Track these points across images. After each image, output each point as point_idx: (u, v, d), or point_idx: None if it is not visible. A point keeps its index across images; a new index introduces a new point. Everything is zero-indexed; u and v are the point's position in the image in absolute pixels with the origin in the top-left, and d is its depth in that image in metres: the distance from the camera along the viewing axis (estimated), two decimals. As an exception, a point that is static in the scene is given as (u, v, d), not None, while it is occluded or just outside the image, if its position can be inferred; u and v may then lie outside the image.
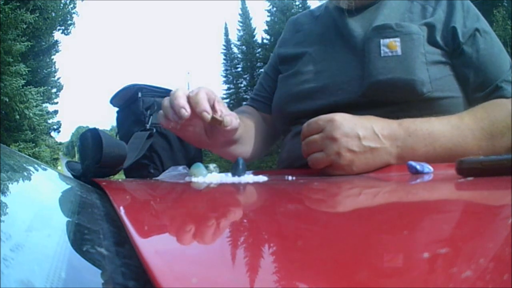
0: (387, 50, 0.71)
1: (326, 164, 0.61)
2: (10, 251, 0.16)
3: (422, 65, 0.69)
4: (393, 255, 0.16)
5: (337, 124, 0.59)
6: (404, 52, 0.70)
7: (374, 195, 0.38)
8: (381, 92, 0.70)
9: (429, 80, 0.69)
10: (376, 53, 0.71)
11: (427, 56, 0.70)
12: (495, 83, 0.71)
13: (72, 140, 49.71)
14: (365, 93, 0.71)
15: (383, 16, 0.77)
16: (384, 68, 0.70)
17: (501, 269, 0.14)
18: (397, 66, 0.69)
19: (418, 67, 0.69)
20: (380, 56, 0.71)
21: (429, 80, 0.69)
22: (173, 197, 0.42)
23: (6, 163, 0.42)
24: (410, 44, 0.70)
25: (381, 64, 0.70)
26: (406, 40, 0.70)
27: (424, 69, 0.69)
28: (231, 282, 0.13)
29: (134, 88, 0.92)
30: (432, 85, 0.69)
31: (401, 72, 0.69)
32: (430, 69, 0.70)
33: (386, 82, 0.69)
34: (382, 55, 0.71)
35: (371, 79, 0.70)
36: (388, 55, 0.70)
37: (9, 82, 8.59)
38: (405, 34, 0.71)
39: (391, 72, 0.69)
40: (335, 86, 0.75)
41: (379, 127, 0.61)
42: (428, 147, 0.62)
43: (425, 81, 0.69)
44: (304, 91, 0.78)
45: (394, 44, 0.70)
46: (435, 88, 0.70)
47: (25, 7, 9.49)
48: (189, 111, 0.58)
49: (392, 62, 0.70)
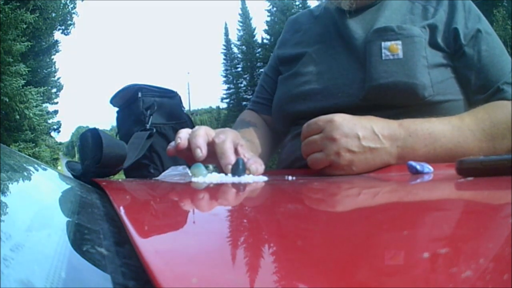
0: (388, 53, 0.70)
1: (325, 165, 0.60)
2: (10, 251, 0.16)
3: (424, 68, 0.69)
4: (393, 255, 0.16)
5: (336, 125, 0.59)
6: (405, 55, 0.69)
7: (374, 195, 0.38)
8: (382, 96, 0.70)
9: (430, 84, 0.69)
10: (378, 56, 0.71)
11: (428, 59, 0.70)
12: (496, 85, 0.71)
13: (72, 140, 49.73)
14: (366, 96, 0.71)
15: (384, 18, 0.76)
16: (386, 71, 0.69)
17: (501, 269, 0.14)
18: (398, 69, 0.69)
19: (420, 71, 0.69)
20: (382, 59, 0.70)
21: (430, 83, 0.69)
22: (173, 197, 0.42)
23: (6, 163, 0.42)
24: (411, 47, 0.70)
25: (383, 67, 0.70)
26: (407, 43, 0.70)
27: (425, 72, 0.69)
28: (231, 282, 0.13)
29: (134, 88, 0.92)
30: (433, 89, 0.69)
31: (402, 75, 0.68)
32: (431, 73, 0.69)
33: (387, 86, 0.69)
34: (383, 58, 0.70)
35: (372, 82, 0.70)
36: (390, 58, 0.70)
37: (9, 82, 8.59)
38: (406, 37, 0.70)
39: (392, 76, 0.69)
40: (336, 88, 0.74)
41: (379, 127, 0.61)
42: (429, 147, 0.61)
43: (427, 85, 0.68)
44: (304, 92, 0.78)
45: (395, 47, 0.70)
46: (437, 91, 0.69)
47: (25, 7, 9.49)
48: (204, 154, 0.56)
49: (394, 65, 0.69)
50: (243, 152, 0.60)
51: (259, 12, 30.31)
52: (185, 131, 0.61)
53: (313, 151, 0.61)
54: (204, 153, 0.57)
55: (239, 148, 0.60)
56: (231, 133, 0.61)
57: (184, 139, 0.59)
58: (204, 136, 0.59)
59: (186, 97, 37.21)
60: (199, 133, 0.58)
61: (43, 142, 12.47)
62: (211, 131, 0.61)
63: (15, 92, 8.72)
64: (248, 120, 0.91)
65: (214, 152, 0.58)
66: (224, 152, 0.57)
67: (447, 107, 0.71)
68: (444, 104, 0.71)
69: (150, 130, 0.87)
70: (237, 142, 0.60)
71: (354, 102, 0.72)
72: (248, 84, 28.70)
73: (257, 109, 0.95)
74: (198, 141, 0.57)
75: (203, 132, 0.59)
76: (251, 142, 0.81)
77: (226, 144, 0.58)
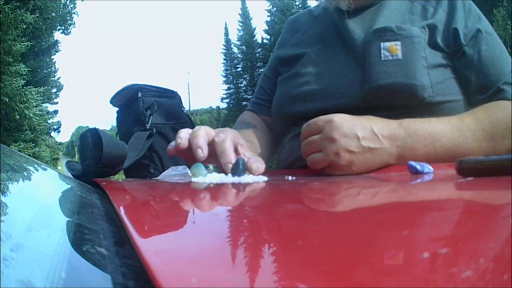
0: (387, 53, 0.70)
1: (325, 165, 0.60)
2: (10, 251, 0.16)
3: (423, 69, 0.69)
4: (393, 255, 0.16)
5: (336, 125, 0.59)
6: (405, 56, 0.69)
7: (374, 195, 0.38)
8: (382, 97, 0.70)
9: (430, 85, 0.69)
10: (377, 57, 0.70)
11: (428, 60, 0.70)
12: (496, 85, 0.71)
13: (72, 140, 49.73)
14: (365, 97, 0.71)
15: (383, 18, 0.76)
16: (385, 72, 0.69)
17: (501, 269, 0.14)
18: (397, 70, 0.69)
19: (419, 72, 0.68)
20: (381, 60, 0.70)
21: (430, 84, 0.69)
22: (173, 197, 0.42)
23: (6, 163, 0.42)
24: (411, 48, 0.70)
25: (382, 68, 0.69)
26: (407, 44, 0.70)
27: (425, 73, 0.69)
28: (231, 282, 0.13)
29: (134, 88, 0.92)
30: (433, 90, 0.69)
31: (402, 76, 0.68)
32: (431, 73, 0.69)
33: (386, 86, 0.69)
34: (382, 59, 0.70)
35: (371, 83, 0.70)
36: (389, 59, 0.70)
37: (9, 82, 8.59)
38: (406, 38, 0.70)
39: (392, 77, 0.69)
40: (335, 89, 0.74)
41: (379, 127, 0.61)
42: (428, 147, 0.61)
43: (426, 86, 0.68)
44: (303, 92, 0.78)
45: (394, 48, 0.70)
46: (436, 92, 0.69)
47: (25, 7, 9.49)
48: (205, 154, 0.56)
49: (393, 66, 0.69)
50: (243, 151, 0.60)
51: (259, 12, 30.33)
52: (186, 131, 0.61)
53: (312, 151, 0.61)
54: (205, 153, 0.56)
55: (239, 147, 0.60)
56: (231, 132, 0.61)
57: (185, 139, 0.59)
58: (205, 136, 0.58)
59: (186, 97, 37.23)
60: (200, 133, 0.58)
61: (43, 142, 12.47)
62: (211, 130, 0.61)
63: (15, 92, 8.72)
64: (248, 121, 0.91)
65: (214, 151, 0.58)
66: (224, 150, 0.57)
67: (447, 107, 0.71)
68: (444, 105, 0.70)
69: (150, 130, 0.87)
70: (237, 141, 0.60)
71: (354, 103, 0.72)
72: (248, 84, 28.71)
73: (256, 110, 0.95)
74: (199, 141, 0.57)
75: (203, 132, 0.59)
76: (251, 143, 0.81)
77: (226, 143, 0.58)
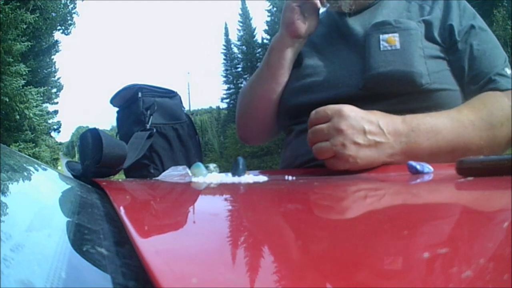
0: (386, 44, 0.73)
1: (330, 155, 0.61)
2: (10, 251, 0.16)
3: (420, 58, 0.71)
4: (393, 255, 0.16)
5: (344, 116, 0.60)
6: (403, 46, 0.72)
7: (374, 195, 0.38)
8: (381, 85, 0.72)
9: (427, 73, 0.71)
10: (376, 47, 0.73)
11: (425, 51, 0.73)
12: (488, 76, 0.73)
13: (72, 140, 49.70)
14: (365, 85, 0.73)
15: (382, 15, 0.79)
16: (384, 61, 0.72)
17: (501, 269, 0.14)
18: (396, 59, 0.71)
19: (417, 60, 0.71)
20: (380, 50, 0.73)
21: (427, 72, 0.71)
22: (173, 197, 0.42)
23: (6, 163, 0.42)
24: (408, 39, 0.72)
25: (381, 57, 0.72)
26: (404, 35, 0.73)
27: (422, 62, 0.71)
28: (231, 282, 0.13)
29: (134, 88, 0.92)
30: (430, 77, 0.71)
31: (400, 64, 0.71)
32: (428, 63, 0.72)
33: (385, 74, 0.71)
34: (381, 49, 0.73)
35: (371, 71, 0.72)
36: (388, 49, 0.72)
37: (9, 82, 8.59)
38: (403, 30, 0.73)
39: (390, 65, 0.71)
40: (336, 80, 0.77)
41: (384, 122, 0.62)
42: (431, 140, 0.63)
43: (424, 73, 0.71)
44: (306, 84, 0.80)
45: (393, 39, 0.73)
46: (433, 80, 0.71)
47: (25, 7, 9.50)
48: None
49: (392, 55, 0.72)
50: None
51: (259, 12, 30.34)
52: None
53: (319, 139, 0.62)
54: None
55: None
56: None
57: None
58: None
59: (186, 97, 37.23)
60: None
61: (43, 142, 12.47)
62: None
63: (15, 92, 8.72)
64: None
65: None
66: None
67: (444, 95, 0.73)
68: (441, 92, 0.73)
69: (150, 130, 0.87)
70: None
71: (354, 92, 0.74)
72: (248, 84, 28.65)
73: None
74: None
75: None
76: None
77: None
